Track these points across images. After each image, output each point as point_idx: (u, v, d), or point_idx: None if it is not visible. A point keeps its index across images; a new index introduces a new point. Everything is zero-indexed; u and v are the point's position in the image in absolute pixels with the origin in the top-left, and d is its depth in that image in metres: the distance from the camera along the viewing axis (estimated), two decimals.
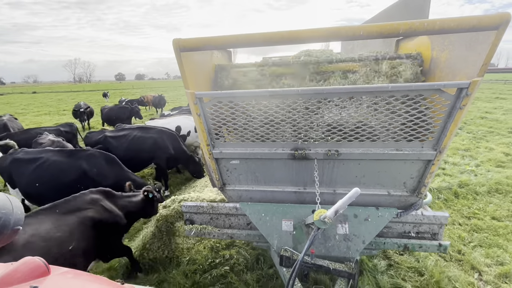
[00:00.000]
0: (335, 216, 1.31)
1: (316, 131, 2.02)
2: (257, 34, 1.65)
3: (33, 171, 3.76)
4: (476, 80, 1.56)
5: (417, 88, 1.69)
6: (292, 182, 2.35)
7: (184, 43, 1.76)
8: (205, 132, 2.11)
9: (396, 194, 2.20)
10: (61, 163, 3.83)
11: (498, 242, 3.61)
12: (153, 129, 5.52)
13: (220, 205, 2.61)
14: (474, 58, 1.67)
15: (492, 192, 5.04)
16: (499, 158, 6.73)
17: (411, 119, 1.82)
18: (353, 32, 1.52)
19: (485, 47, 1.54)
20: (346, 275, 2.03)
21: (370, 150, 2.00)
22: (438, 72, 2.09)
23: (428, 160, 1.96)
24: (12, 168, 3.87)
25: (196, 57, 2.15)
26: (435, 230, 2.31)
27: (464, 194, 4.94)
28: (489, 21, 1.39)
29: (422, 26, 1.46)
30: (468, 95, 1.59)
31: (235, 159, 2.28)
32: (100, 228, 2.65)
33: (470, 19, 1.41)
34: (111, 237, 2.82)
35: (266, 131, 2.07)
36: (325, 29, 1.53)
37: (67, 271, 1.05)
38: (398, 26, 1.47)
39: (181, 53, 1.79)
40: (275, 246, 2.27)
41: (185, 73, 1.88)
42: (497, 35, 1.45)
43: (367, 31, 1.52)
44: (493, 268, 3.18)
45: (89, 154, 3.98)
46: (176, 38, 1.75)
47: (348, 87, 1.79)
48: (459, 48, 1.88)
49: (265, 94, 1.90)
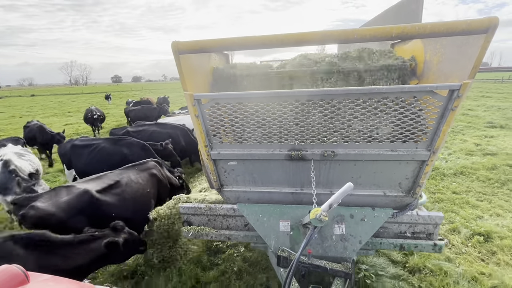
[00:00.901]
0: (329, 209, 1.34)
1: (313, 132, 2.05)
2: (254, 37, 1.68)
3: (88, 155, 4.72)
4: (467, 82, 1.61)
5: (411, 89, 1.73)
6: (289, 183, 2.38)
7: (182, 46, 1.79)
8: (203, 133, 2.14)
9: (392, 194, 2.23)
10: (108, 148, 4.81)
11: (453, 208, 4.60)
12: (168, 125, 6.60)
13: (218, 207, 2.62)
14: (465, 60, 1.72)
15: (458, 174, 6.01)
16: (470, 148, 7.71)
17: (405, 120, 1.86)
18: (347, 36, 1.56)
19: (475, 50, 1.59)
20: (343, 274, 2.05)
21: (365, 151, 2.03)
22: (431, 75, 2.14)
23: (422, 161, 2.00)
24: (71, 152, 4.83)
25: (194, 59, 2.18)
26: (430, 230, 2.34)
27: (433, 176, 5.87)
28: (478, 25, 1.44)
29: (413, 30, 1.50)
30: (460, 96, 1.64)
31: (233, 160, 2.30)
32: (158, 182, 3.67)
33: (459, 23, 1.46)
34: (159, 191, 3.66)
35: (263, 132, 2.10)
36: (321, 32, 1.57)
37: (47, 279, 1.02)
38: (390, 30, 1.52)
39: (180, 56, 1.82)
40: (273, 246, 2.28)
41: (184, 75, 1.91)
42: (486, 38, 1.50)
43: (360, 34, 1.56)
44: (445, 226, 4.16)
45: (129, 142, 4.97)
46: (174, 41, 1.78)
47: (343, 88, 1.83)
48: (450, 51, 1.94)
49: (262, 96, 1.94)
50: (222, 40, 1.75)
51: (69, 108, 24.28)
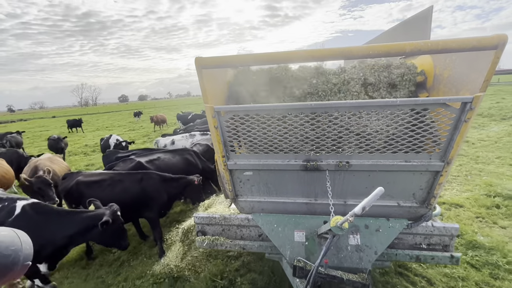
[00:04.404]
0: (362, 212, 1.39)
1: (328, 143, 2.11)
2: (271, 54, 1.79)
3: (151, 163, 4.90)
4: (479, 95, 1.68)
5: (424, 102, 1.80)
6: (304, 194, 2.42)
7: (205, 61, 1.91)
8: (221, 143, 2.22)
9: (406, 205, 2.25)
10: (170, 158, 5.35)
11: None
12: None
13: (232, 217, 2.66)
14: (475, 75, 1.80)
15: None
16: None
17: (418, 131, 1.92)
18: (363, 52, 1.66)
19: (485, 64, 1.67)
20: (360, 285, 2.04)
21: (379, 162, 2.08)
22: (441, 88, 2.21)
23: (436, 171, 2.03)
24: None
25: (214, 74, 2.30)
26: (446, 242, 2.33)
27: None
28: (488, 42, 1.52)
29: (426, 47, 1.59)
30: (472, 108, 1.70)
31: (248, 170, 2.36)
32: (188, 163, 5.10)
33: (470, 41, 1.55)
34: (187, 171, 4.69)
35: (279, 143, 2.17)
36: (339, 49, 1.67)
37: None
38: (404, 46, 1.61)
39: (203, 70, 1.94)
40: (288, 257, 2.30)
41: (205, 88, 2.01)
42: (496, 54, 1.58)
43: (375, 50, 1.66)
44: None
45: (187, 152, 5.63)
46: (198, 57, 1.90)
47: (359, 101, 1.91)
48: (460, 66, 2.02)
49: (279, 108, 2.02)
50: (241, 56, 1.87)
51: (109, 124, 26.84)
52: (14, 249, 0.89)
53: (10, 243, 0.89)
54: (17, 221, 2.80)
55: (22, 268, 0.91)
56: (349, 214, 1.58)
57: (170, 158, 5.06)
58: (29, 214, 2.87)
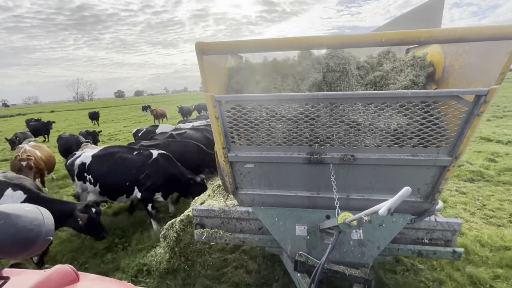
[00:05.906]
0: (387, 214, 1.32)
1: (333, 136, 2.03)
2: (275, 40, 1.67)
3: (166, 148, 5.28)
4: (494, 87, 1.60)
5: (436, 94, 1.72)
6: (306, 187, 2.35)
7: (206, 47, 1.79)
8: (222, 135, 2.12)
9: (410, 200, 2.21)
10: None
11: None
12: None
13: (232, 209, 2.59)
14: (490, 66, 1.71)
15: None
16: None
17: (428, 125, 1.85)
18: (375, 40, 1.56)
19: (502, 56, 1.58)
20: (362, 281, 2.02)
21: (386, 156, 2.01)
22: (451, 80, 2.13)
23: (444, 166, 1.98)
24: None
25: (214, 61, 2.18)
26: (448, 237, 2.31)
27: None
28: (509, 31, 1.43)
29: (443, 35, 1.50)
30: (487, 102, 1.63)
31: (249, 163, 2.28)
32: (191, 152, 5.44)
33: (490, 29, 1.45)
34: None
35: (283, 134, 2.09)
36: (349, 36, 1.56)
37: (95, 278, 1.11)
38: (419, 34, 1.51)
39: (203, 57, 1.82)
40: (289, 251, 2.25)
41: (206, 76, 1.90)
42: None
43: (388, 38, 1.56)
44: None
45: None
46: (199, 42, 1.78)
47: (368, 92, 1.82)
48: (473, 57, 1.93)
49: (284, 98, 1.93)
50: (244, 41, 1.75)
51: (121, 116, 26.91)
52: (37, 223, 0.94)
53: (34, 219, 0.94)
54: None
55: (44, 242, 0.96)
56: (364, 213, 1.51)
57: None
58: None
